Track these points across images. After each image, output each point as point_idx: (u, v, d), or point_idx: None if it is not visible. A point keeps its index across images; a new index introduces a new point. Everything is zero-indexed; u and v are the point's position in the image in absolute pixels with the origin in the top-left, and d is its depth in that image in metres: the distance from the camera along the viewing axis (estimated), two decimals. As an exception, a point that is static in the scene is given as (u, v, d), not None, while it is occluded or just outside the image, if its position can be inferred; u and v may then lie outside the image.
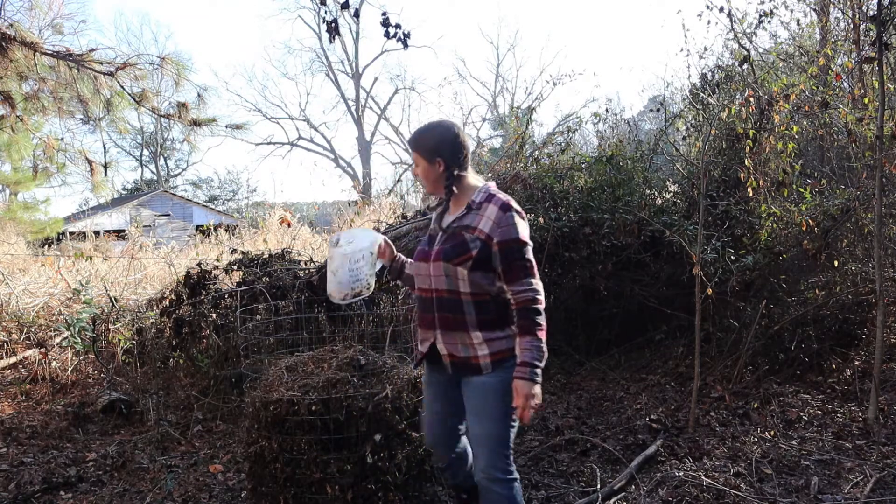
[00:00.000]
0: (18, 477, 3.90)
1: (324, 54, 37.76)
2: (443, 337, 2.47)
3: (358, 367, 3.29)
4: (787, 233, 5.18)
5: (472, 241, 2.36)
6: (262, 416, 3.11)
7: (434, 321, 2.48)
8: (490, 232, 2.34)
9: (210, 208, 32.28)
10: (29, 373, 6.06)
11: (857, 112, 5.01)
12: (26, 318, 6.75)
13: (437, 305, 2.45)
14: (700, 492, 3.32)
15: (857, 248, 5.10)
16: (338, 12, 4.26)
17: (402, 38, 4.26)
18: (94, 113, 5.95)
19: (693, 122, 7.21)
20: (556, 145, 7.58)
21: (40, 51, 5.24)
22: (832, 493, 3.28)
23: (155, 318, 5.87)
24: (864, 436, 3.94)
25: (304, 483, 3.02)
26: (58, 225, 12.03)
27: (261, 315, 5.24)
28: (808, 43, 7.26)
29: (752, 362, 5.04)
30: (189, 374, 5.65)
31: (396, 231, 5.62)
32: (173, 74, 5.70)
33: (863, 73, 5.48)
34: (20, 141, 6.63)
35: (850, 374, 4.74)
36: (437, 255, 2.44)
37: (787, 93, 5.21)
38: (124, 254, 9.12)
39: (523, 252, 2.33)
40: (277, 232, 11.66)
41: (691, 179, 6.12)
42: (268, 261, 5.68)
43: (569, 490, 3.52)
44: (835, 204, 4.78)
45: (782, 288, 5.32)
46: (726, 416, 4.40)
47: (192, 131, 6.20)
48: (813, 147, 6.34)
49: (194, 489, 3.74)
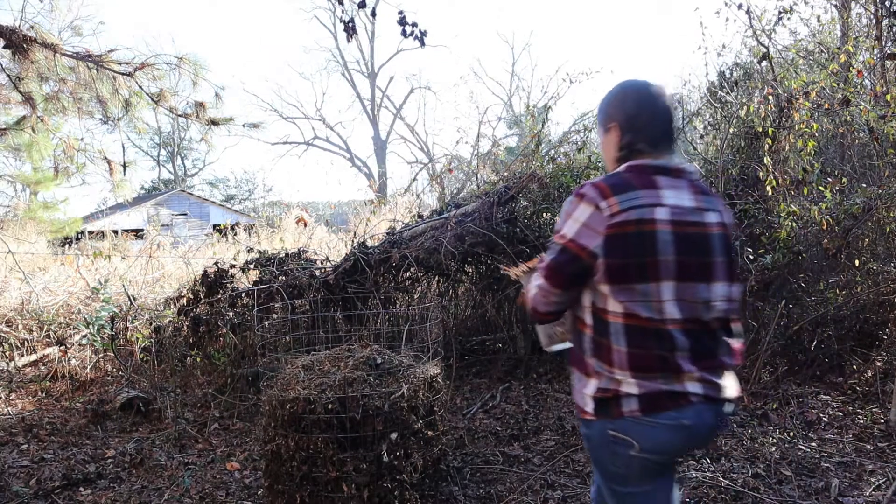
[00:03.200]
0: (39, 473, 3.95)
1: (339, 54, 37.90)
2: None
3: (374, 366, 3.29)
4: (806, 232, 5.12)
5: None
6: (279, 414, 3.12)
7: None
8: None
9: (227, 207, 32.50)
10: (49, 370, 6.13)
11: (879, 109, 4.94)
12: (46, 317, 6.83)
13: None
14: (718, 493, 3.29)
15: (879, 246, 5.03)
16: (354, 11, 4.26)
17: (419, 36, 4.26)
18: (112, 113, 6.00)
19: (711, 120, 7.16)
20: (572, 144, 7.55)
21: (60, 52, 5.29)
22: (853, 496, 3.23)
23: (172, 316, 5.92)
24: (885, 438, 3.88)
25: (321, 481, 3.03)
26: (77, 224, 12.14)
27: (277, 314, 5.27)
28: (828, 39, 7.18)
29: (771, 363, 4.99)
30: (206, 373, 5.69)
31: (413, 230, 5.63)
32: (191, 74, 5.74)
33: (885, 70, 5.40)
34: (41, 141, 6.70)
35: (871, 375, 4.67)
36: None
37: (807, 90, 5.14)
38: (142, 253, 9.20)
39: (553, 247, 1.78)
40: (294, 231, 11.71)
41: (709, 178, 6.06)
42: (284, 260, 5.70)
43: (585, 490, 3.50)
44: (856, 202, 4.71)
45: (802, 287, 5.26)
46: (745, 417, 4.36)
47: (209, 130, 6.25)
48: (833, 145, 6.26)
49: (211, 486, 3.77)
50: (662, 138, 1.80)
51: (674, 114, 1.83)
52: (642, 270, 1.66)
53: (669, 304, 1.68)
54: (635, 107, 1.80)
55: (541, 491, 3.49)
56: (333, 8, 33.87)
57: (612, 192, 1.69)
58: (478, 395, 5.25)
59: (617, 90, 1.86)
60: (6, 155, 8.62)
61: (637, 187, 1.70)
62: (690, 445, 1.78)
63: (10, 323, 6.72)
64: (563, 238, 1.73)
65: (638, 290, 1.67)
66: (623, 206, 1.67)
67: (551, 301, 1.79)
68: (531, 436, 4.32)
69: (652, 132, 1.79)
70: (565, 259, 1.73)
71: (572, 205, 1.72)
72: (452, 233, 5.20)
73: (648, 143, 1.79)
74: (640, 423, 1.68)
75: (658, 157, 1.79)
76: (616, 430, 1.71)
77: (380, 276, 5.33)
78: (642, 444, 1.69)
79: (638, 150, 1.80)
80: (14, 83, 5.53)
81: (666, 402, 1.67)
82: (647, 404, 1.67)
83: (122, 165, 6.82)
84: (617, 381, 1.70)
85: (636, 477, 1.75)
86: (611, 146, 1.86)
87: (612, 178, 1.74)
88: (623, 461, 1.73)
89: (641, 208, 1.67)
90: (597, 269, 1.69)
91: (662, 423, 1.67)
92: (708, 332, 1.73)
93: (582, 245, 1.69)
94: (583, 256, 1.70)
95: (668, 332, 1.67)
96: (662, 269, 1.67)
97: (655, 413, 1.67)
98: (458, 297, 6.38)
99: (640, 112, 1.80)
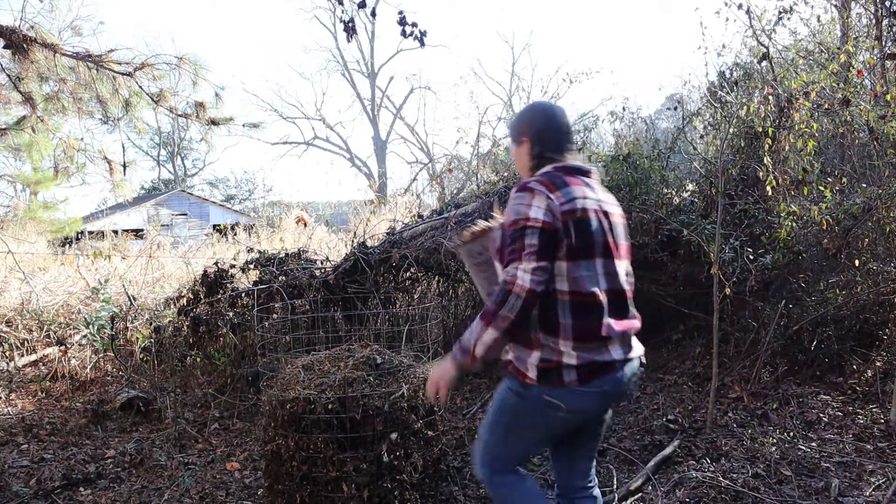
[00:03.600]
0: (39, 473, 3.95)
1: (339, 54, 37.89)
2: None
3: (374, 366, 3.29)
4: (806, 232, 5.12)
5: (500, 234, 2.23)
6: (279, 414, 3.12)
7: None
8: (505, 219, 2.14)
9: (227, 207, 32.50)
10: (49, 370, 6.13)
11: (879, 109, 4.94)
12: (46, 317, 6.83)
13: None
14: (718, 493, 3.29)
15: (879, 246, 5.03)
16: (354, 11, 4.26)
17: (419, 36, 4.26)
18: (112, 113, 6.00)
19: (711, 120, 7.15)
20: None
21: (60, 52, 5.29)
22: (853, 496, 3.23)
23: (172, 316, 5.92)
24: (885, 438, 3.88)
25: (321, 481, 3.03)
26: (77, 224, 12.14)
27: (277, 314, 5.27)
28: (828, 39, 7.17)
29: (771, 363, 4.99)
30: (206, 373, 5.70)
31: (413, 230, 5.63)
32: (191, 74, 5.74)
33: (885, 70, 5.39)
34: (41, 141, 6.69)
35: (871, 375, 4.67)
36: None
37: (807, 90, 5.14)
38: (142, 253, 9.20)
39: (515, 235, 2.02)
40: (294, 231, 11.71)
41: (709, 178, 6.06)
42: (284, 260, 5.70)
43: (585, 490, 3.50)
44: (856, 202, 4.71)
45: (802, 288, 5.26)
46: (744, 417, 4.36)
47: (209, 130, 6.24)
48: (833, 145, 6.26)
49: (211, 486, 3.77)
50: (565, 146, 2.25)
51: (571, 127, 2.29)
52: (587, 249, 2.07)
53: (601, 277, 2.10)
54: (542, 123, 2.26)
55: (541, 491, 3.49)
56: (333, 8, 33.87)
57: (555, 187, 2.08)
58: (478, 395, 5.26)
59: (526, 110, 2.33)
60: (6, 155, 8.62)
61: (569, 184, 2.11)
62: (607, 406, 2.23)
63: (10, 323, 6.72)
64: (536, 221, 2.01)
65: (583, 265, 2.06)
66: (566, 197, 2.07)
67: (542, 279, 2.00)
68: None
69: (556, 142, 2.24)
70: (544, 237, 2.01)
71: (528, 197, 2.05)
72: (453, 233, 5.20)
73: (555, 150, 2.24)
74: (574, 392, 2.05)
75: (568, 160, 2.23)
76: (552, 396, 2.07)
77: (380, 276, 5.33)
78: (569, 407, 2.07)
79: (548, 157, 2.23)
80: (14, 83, 5.53)
81: (598, 373, 2.06)
82: (583, 375, 2.04)
83: (122, 165, 6.81)
84: (560, 352, 2.05)
85: (552, 429, 2.20)
86: (524, 156, 2.29)
87: (548, 175, 2.14)
88: (549, 419, 2.12)
89: (576, 199, 2.08)
90: (561, 246, 2.04)
91: (590, 391, 2.06)
92: (621, 300, 2.16)
93: (551, 223, 2.02)
94: (555, 231, 2.03)
95: (600, 303, 2.07)
96: (596, 248, 2.09)
97: (588, 383, 2.05)
98: (458, 297, 6.38)
99: (545, 127, 2.25)
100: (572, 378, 2.04)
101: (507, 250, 2.04)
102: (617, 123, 7.76)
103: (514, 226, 2.03)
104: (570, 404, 2.07)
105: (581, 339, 2.04)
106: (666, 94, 22.03)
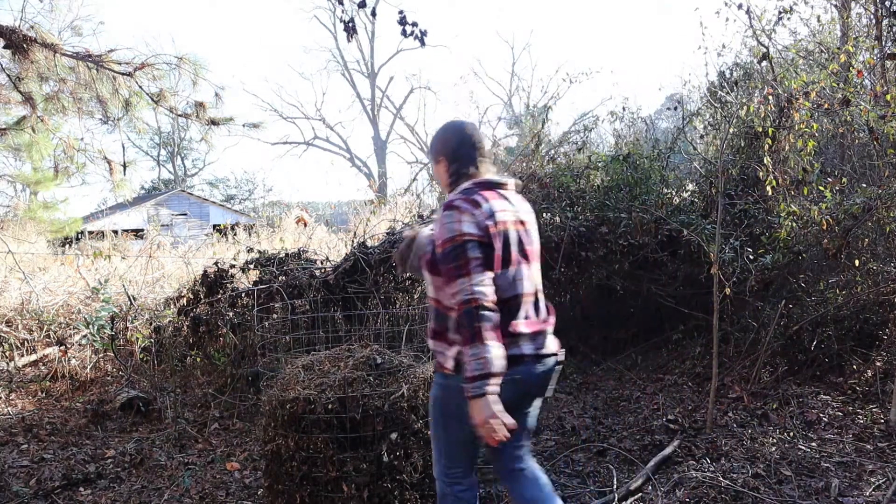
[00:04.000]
0: (39, 473, 3.95)
1: (339, 54, 37.88)
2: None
3: (374, 366, 3.29)
4: (806, 232, 5.12)
5: (430, 244, 2.38)
6: (279, 414, 3.12)
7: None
8: (436, 236, 2.27)
9: (227, 207, 32.49)
10: (49, 370, 6.13)
11: (879, 109, 4.93)
12: (46, 317, 6.82)
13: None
14: (718, 493, 3.29)
15: (879, 246, 5.03)
16: (354, 11, 4.26)
17: (419, 35, 4.26)
18: (112, 113, 5.99)
19: (711, 120, 7.15)
20: (572, 144, 7.56)
21: (60, 52, 5.28)
22: (853, 496, 3.23)
23: (172, 316, 5.92)
24: (885, 438, 3.88)
25: (321, 481, 3.03)
26: (77, 224, 12.15)
27: (277, 314, 5.27)
28: (828, 39, 7.17)
29: (771, 363, 4.99)
30: (206, 373, 5.70)
31: (412, 230, 5.62)
32: (191, 74, 5.73)
33: (885, 70, 5.39)
34: (41, 141, 6.69)
35: (871, 375, 4.67)
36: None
37: (807, 90, 5.14)
38: (142, 253, 9.19)
39: (457, 251, 2.16)
40: (294, 231, 11.70)
41: (709, 178, 6.06)
42: (284, 260, 5.70)
43: (585, 490, 3.50)
44: (856, 202, 4.71)
45: (802, 288, 5.26)
46: (744, 417, 4.36)
47: (209, 130, 6.23)
48: (833, 145, 6.26)
49: (211, 486, 3.77)
50: (480, 161, 2.40)
51: (483, 142, 2.43)
52: (508, 258, 2.26)
53: (518, 282, 2.28)
54: (455, 142, 2.41)
55: None
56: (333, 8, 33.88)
57: (478, 204, 2.23)
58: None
59: (440, 131, 2.47)
60: (6, 155, 8.63)
61: (488, 199, 2.27)
62: (523, 393, 2.35)
63: (10, 323, 6.72)
64: (472, 235, 2.18)
65: (504, 273, 2.24)
66: (487, 212, 2.23)
67: (492, 286, 2.18)
68: (531, 436, 4.32)
69: (470, 158, 2.39)
70: (482, 250, 2.18)
71: (456, 214, 2.20)
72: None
73: (472, 166, 2.39)
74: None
75: (485, 174, 2.39)
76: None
77: (380, 276, 5.33)
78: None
79: (464, 172, 2.38)
80: (14, 83, 5.52)
81: (508, 364, 2.16)
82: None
83: (122, 165, 6.81)
84: None
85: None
86: (443, 173, 2.44)
87: (468, 192, 2.29)
88: (466, 406, 2.16)
89: (496, 213, 2.25)
90: (490, 256, 2.21)
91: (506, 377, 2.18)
92: (536, 300, 2.37)
93: (481, 237, 2.19)
94: (489, 244, 2.21)
95: (517, 305, 2.27)
96: (515, 256, 2.28)
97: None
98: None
99: (459, 145, 2.40)
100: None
101: (451, 266, 2.18)
102: (617, 123, 7.78)
103: (452, 242, 2.18)
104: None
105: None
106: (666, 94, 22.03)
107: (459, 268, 2.15)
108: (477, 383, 2.08)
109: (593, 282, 5.96)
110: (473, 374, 2.08)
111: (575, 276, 5.92)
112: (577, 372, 5.70)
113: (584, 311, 6.21)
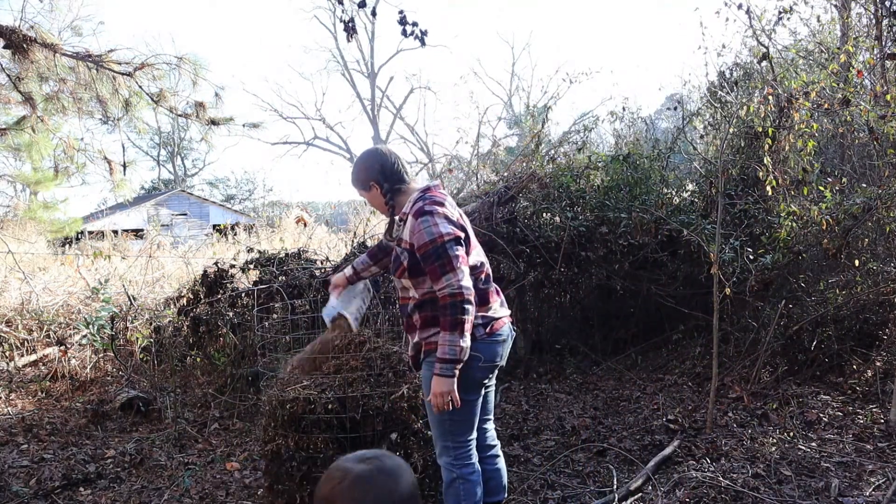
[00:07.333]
0: (39, 473, 3.95)
1: (339, 54, 37.84)
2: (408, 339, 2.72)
3: (374, 365, 3.29)
4: (806, 232, 5.12)
5: (401, 254, 2.57)
6: (279, 414, 3.12)
7: (404, 325, 2.76)
8: (411, 240, 2.51)
9: (227, 207, 32.49)
10: (49, 370, 6.12)
11: (879, 109, 4.93)
12: (46, 317, 6.82)
13: (400, 311, 2.73)
14: (718, 493, 3.29)
15: (879, 246, 5.03)
16: (354, 11, 4.26)
17: (419, 36, 4.26)
18: (112, 113, 5.99)
19: (711, 120, 7.15)
20: (572, 144, 7.56)
21: (60, 52, 5.28)
22: (853, 496, 3.23)
23: (172, 316, 5.91)
24: (885, 438, 3.88)
25: (321, 481, 3.02)
26: (77, 224, 12.14)
27: (277, 314, 5.26)
28: (828, 39, 7.17)
29: (771, 363, 4.99)
30: (206, 373, 5.69)
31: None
32: (191, 74, 5.73)
33: (885, 70, 5.39)
34: (41, 141, 6.68)
35: (871, 375, 4.67)
36: (391, 268, 2.71)
37: (807, 90, 5.14)
38: (142, 253, 9.19)
39: (439, 251, 2.42)
40: (294, 231, 11.71)
41: (709, 178, 6.06)
42: (284, 260, 5.70)
43: (585, 490, 3.50)
44: (856, 202, 4.71)
45: (802, 287, 5.26)
46: (744, 417, 4.35)
47: (209, 130, 6.23)
48: (833, 145, 6.26)
49: (211, 486, 3.77)
50: (405, 173, 2.68)
51: (398, 158, 2.68)
52: (469, 242, 2.59)
53: (486, 263, 2.69)
54: (380, 165, 2.65)
55: (541, 491, 3.49)
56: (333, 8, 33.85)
57: (442, 204, 2.53)
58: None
59: (360, 162, 2.71)
60: (6, 155, 8.62)
61: (443, 201, 2.56)
62: (505, 353, 2.68)
63: (10, 323, 6.72)
64: (450, 234, 2.45)
65: (474, 254, 2.61)
66: (451, 213, 2.54)
67: (470, 278, 2.47)
68: (531, 436, 4.32)
69: (398, 174, 2.66)
70: (460, 245, 2.48)
71: (431, 218, 2.46)
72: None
73: (400, 181, 2.66)
74: (485, 343, 2.57)
75: (414, 182, 2.70)
76: (472, 350, 2.48)
77: (379, 276, 5.33)
78: (485, 356, 2.57)
79: (398, 188, 2.66)
80: (14, 83, 5.52)
81: (496, 325, 2.62)
82: (489, 329, 2.59)
83: (122, 165, 6.81)
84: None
85: (477, 382, 2.60)
86: (378, 197, 2.68)
87: (429, 198, 2.55)
88: (472, 371, 2.53)
89: (454, 209, 2.59)
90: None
91: (495, 339, 2.61)
92: (491, 276, 2.73)
93: (457, 231, 2.49)
94: (465, 234, 2.55)
95: (488, 276, 2.67)
96: (474, 244, 2.65)
97: (493, 334, 2.60)
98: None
99: (383, 167, 2.65)
100: (482, 333, 2.56)
101: (435, 265, 2.43)
102: (617, 123, 7.78)
103: (433, 244, 2.43)
104: (484, 352, 2.56)
105: (481, 304, 2.58)
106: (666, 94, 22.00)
107: (444, 266, 2.42)
108: (448, 366, 2.41)
109: (593, 282, 5.95)
110: (447, 357, 2.40)
111: (575, 276, 5.92)
112: (576, 372, 5.69)
113: (584, 311, 6.20)
